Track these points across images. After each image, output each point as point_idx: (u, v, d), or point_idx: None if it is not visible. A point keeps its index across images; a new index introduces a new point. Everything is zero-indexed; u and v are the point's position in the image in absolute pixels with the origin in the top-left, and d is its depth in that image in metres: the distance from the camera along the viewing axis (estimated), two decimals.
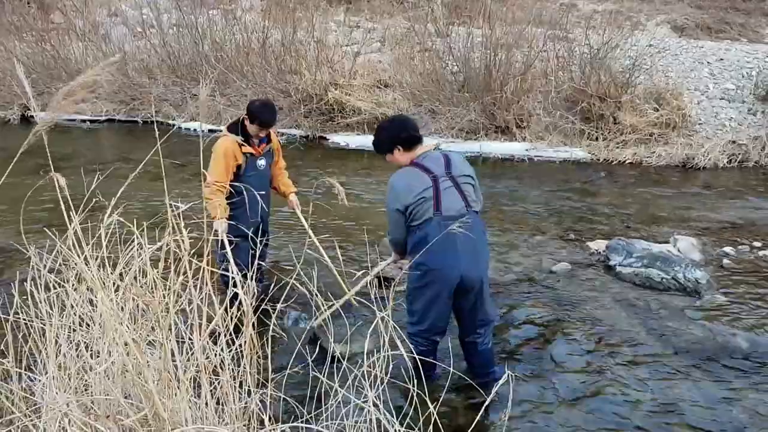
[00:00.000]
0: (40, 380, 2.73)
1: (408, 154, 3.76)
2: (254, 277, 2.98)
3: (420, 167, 3.68)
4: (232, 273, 2.96)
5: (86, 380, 2.73)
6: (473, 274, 3.66)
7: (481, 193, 3.88)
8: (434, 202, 3.59)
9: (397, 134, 3.76)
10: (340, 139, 11.23)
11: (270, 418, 2.59)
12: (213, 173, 4.46)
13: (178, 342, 2.68)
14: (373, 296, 3.06)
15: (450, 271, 3.62)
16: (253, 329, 2.82)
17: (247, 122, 4.56)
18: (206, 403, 2.61)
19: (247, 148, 4.59)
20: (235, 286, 2.87)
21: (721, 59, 11.71)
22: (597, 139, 10.32)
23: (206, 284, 2.76)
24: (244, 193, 4.34)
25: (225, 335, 2.73)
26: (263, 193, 4.57)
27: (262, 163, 4.73)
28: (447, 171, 3.67)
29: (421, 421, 2.68)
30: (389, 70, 12.17)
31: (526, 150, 10.34)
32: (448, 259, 3.58)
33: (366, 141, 10.89)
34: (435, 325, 3.81)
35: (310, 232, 4.75)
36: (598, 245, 6.30)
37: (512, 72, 10.85)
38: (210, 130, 10.94)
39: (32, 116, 11.71)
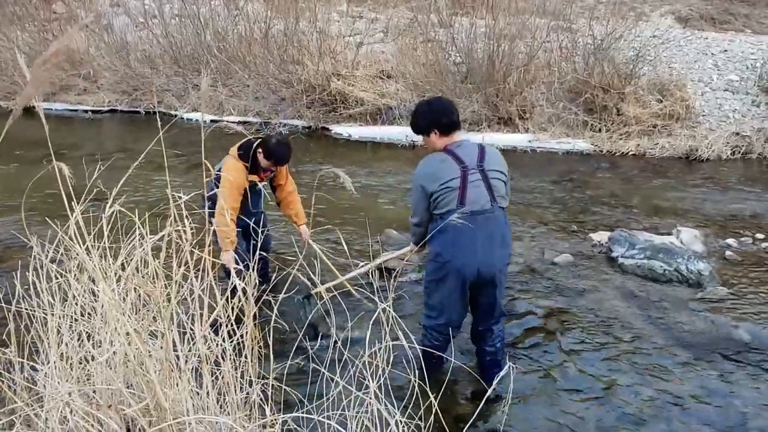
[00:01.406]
0: (42, 370, 2.74)
1: (444, 139, 3.66)
2: (256, 269, 2.99)
3: (452, 155, 3.59)
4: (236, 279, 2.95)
5: (88, 370, 2.74)
6: (490, 268, 3.61)
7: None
8: (459, 194, 3.51)
9: (437, 118, 3.65)
10: (342, 129, 11.22)
11: (271, 409, 2.59)
12: (227, 201, 4.32)
13: (179, 332, 2.69)
14: (375, 286, 3.06)
15: (467, 264, 3.57)
16: (255, 320, 2.83)
17: (260, 155, 4.52)
18: (207, 393, 2.61)
19: (253, 177, 4.60)
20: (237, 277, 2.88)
21: (725, 50, 11.66)
22: (600, 130, 10.30)
23: (207, 274, 2.76)
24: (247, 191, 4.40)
25: (226, 326, 2.74)
26: (259, 209, 4.67)
27: (260, 187, 4.74)
28: (479, 163, 3.58)
29: (422, 411, 2.68)
30: (392, 60, 12.14)
31: (529, 141, 10.32)
32: (465, 252, 3.54)
33: (369, 132, 10.91)
34: (452, 318, 3.78)
35: (329, 263, 4.77)
36: (601, 237, 6.30)
37: (515, 63, 10.82)
38: (212, 121, 10.95)
39: (34, 106, 11.68)
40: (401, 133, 10.35)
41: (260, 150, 4.49)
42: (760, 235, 6.48)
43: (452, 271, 3.60)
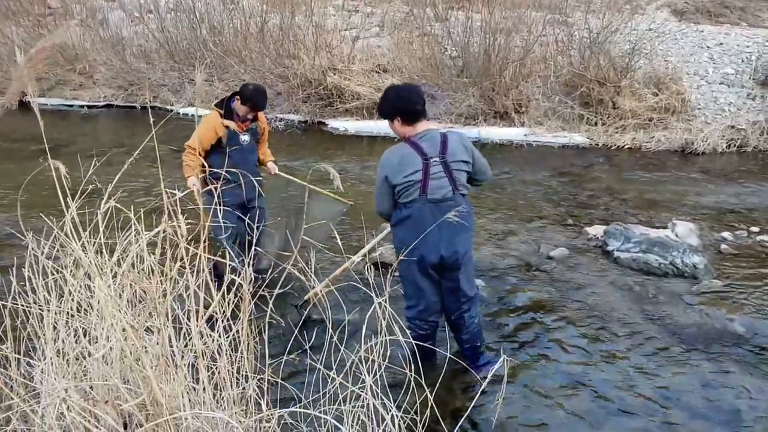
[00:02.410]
0: (38, 366, 2.74)
1: (407, 128, 3.75)
2: (251, 263, 2.99)
3: (415, 147, 3.68)
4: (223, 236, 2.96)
5: (84, 366, 2.74)
6: (452, 253, 3.72)
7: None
8: (421, 185, 3.63)
9: (400, 105, 3.73)
10: (338, 124, 11.22)
11: (267, 404, 2.60)
12: (191, 139, 4.71)
13: (175, 328, 2.69)
14: (371, 282, 3.06)
15: (429, 251, 3.68)
16: (251, 315, 2.83)
17: (237, 102, 4.69)
18: (204, 389, 2.62)
19: (229, 122, 4.68)
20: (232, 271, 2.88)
21: (721, 44, 11.66)
22: (596, 124, 10.31)
23: (203, 270, 2.77)
24: (236, 169, 4.45)
25: (222, 321, 2.74)
26: (249, 171, 4.64)
27: (245, 138, 4.82)
28: (441, 155, 3.67)
29: (417, 405, 2.69)
30: (388, 54, 12.13)
31: (525, 135, 10.34)
32: (428, 239, 3.61)
33: (365, 126, 10.91)
34: (429, 303, 3.88)
35: (292, 178, 4.85)
36: (596, 230, 6.31)
37: (511, 57, 10.82)
38: None
39: (29, 102, 11.67)
40: None
41: (237, 96, 4.73)
42: (755, 228, 6.50)
43: (417, 257, 3.69)
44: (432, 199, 3.62)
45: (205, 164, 4.38)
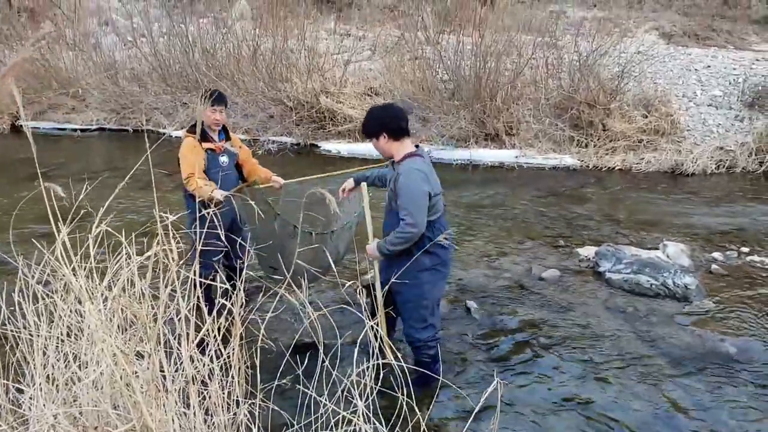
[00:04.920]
0: (27, 392, 2.72)
1: (393, 144, 3.74)
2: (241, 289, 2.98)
3: (429, 161, 3.81)
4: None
5: (74, 391, 2.72)
6: None
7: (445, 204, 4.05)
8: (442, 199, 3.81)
9: (387, 121, 3.71)
10: (331, 146, 11.26)
11: (259, 429, 2.58)
12: (184, 169, 4.56)
13: (166, 352, 2.68)
14: (363, 305, 3.06)
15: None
16: (241, 339, 2.82)
17: (205, 111, 4.61)
18: (195, 414, 2.60)
19: (207, 144, 4.65)
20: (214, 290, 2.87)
21: (709, 66, 11.82)
22: (586, 145, 10.39)
23: (194, 294, 2.76)
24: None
25: (213, 346, 2.73)
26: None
27: (224, 159, 4.78)
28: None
29: (410, 428, 2.68)
30: (380, 78, 12.21)
31: (516, 157, 10.40)
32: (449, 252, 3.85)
33: (357, 148, 10.95)
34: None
35: (307, 178, 5.14)
36: (588, 252, 6.33)
37: (502, 80, 10.91)
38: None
39: (22, 126, 11.72)
40: None
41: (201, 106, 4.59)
42: (745, 249, 6.54)
43: (447, 268, 3.89)
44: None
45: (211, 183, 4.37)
